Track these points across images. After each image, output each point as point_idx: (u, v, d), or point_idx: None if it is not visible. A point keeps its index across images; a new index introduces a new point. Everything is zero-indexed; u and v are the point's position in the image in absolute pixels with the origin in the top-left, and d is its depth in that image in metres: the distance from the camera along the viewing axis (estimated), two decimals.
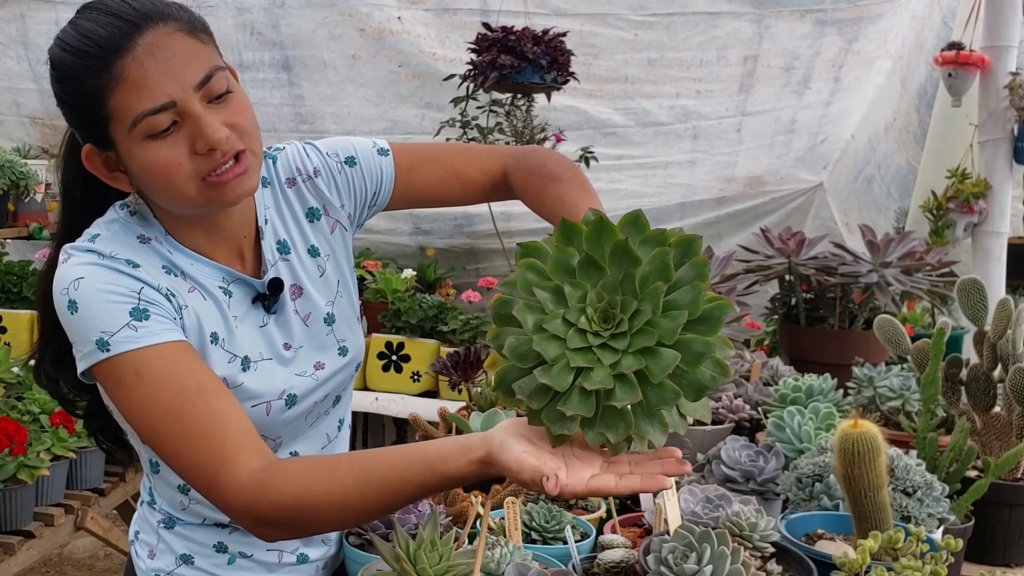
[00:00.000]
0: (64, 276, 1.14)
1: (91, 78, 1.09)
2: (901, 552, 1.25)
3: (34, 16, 4.58)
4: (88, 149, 1.17)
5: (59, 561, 4.17)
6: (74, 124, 1.18)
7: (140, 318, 1.12)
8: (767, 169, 4.78)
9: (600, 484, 0.96)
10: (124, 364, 1.11)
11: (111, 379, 1.13)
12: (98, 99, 1.10)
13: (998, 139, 3.73)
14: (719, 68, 4.41)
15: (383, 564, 1.26)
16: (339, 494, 1.05)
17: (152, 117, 1.10)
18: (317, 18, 4.35)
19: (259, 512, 1.07)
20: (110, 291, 1.13)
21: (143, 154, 1.12)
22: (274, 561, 1.37)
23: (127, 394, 1.12)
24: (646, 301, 0.90)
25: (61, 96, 1.14)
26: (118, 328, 1.11)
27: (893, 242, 2.67)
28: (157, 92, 1.09)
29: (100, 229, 1.20)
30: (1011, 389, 1.73)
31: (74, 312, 1.12)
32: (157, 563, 1.34)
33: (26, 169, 3.50)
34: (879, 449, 1.34)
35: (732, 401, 2.05)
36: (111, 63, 1.08)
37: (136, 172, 1.15)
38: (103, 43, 1.08)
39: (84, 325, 1.12)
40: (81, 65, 1.09)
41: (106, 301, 1.12)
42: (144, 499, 1.39)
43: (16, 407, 2.65)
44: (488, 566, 1.26)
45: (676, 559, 1.18)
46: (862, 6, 4.30)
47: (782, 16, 4.29)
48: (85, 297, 1.12)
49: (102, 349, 1.11)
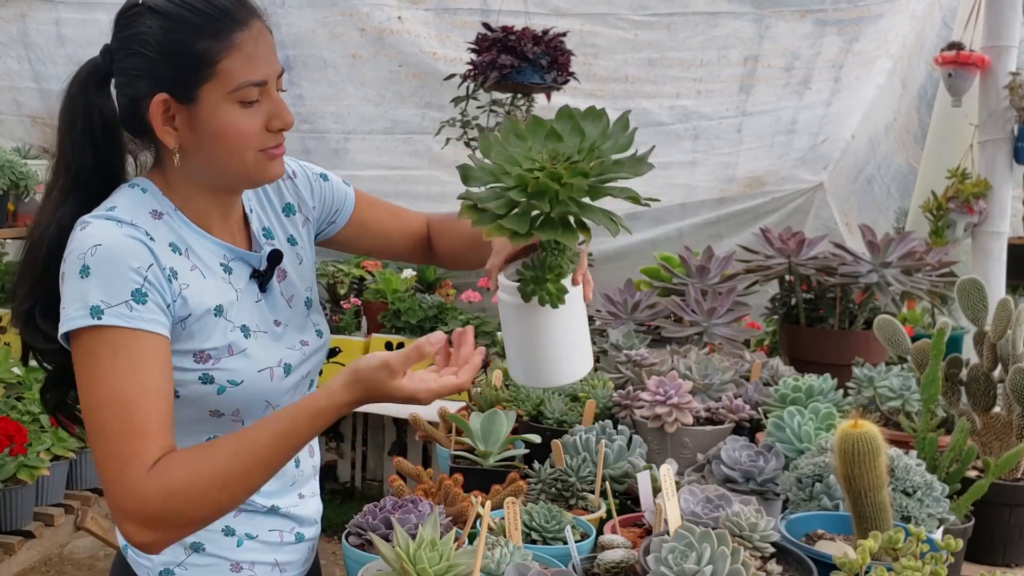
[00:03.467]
0: (83, 241, 1.21)
1: (208, 38, 1.22)
2: (901, 552, 1.25)
3: (35, 16, 4.59)
4: (162, 98, 1.25)
5: (59, 561, 4.17)
6: (161, 74, 1.25)
7: (139, 301, 1.19)
8: (767, 169, 4.78)
9: (446, 380, 1.25)
10: (106, 338, 1.18)
11: (87, 347, 1.19)
12: (207, 58, 1.23)
13: (998, 139, 3.72)
14: (719, 68, 4.41)
15: (383, 564, 1.26)
16: (221, 467, 1.17)
17: (252, 87, 1.25)
18: (317, 17, 4.35)
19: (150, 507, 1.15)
20: (122, 264, 1.20)
21: (228, 116, 1.25)
22: (276, 541, 1.45)
23: (95, 367, 1.18)
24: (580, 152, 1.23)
25: (164, 46, 1.23)
26: (117, 303, 1.18)
27: (893, 242, 2.67)
28: (259, 69, 1.26)
29: (117, 201, 1.28)
30: (1011, 389, 1.74)
31: (84, 276, 1.19)
32: (165, 557, 1.36)
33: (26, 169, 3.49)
34: (879, 449, 1.34)
35: (732, 401, 2.05)
36: (231, 32, 1.23)
37: (209, 130, 1.26)
38: (229, 13, 1.24)
39: (86, 289, 1.18)
40: (202, 24, 1.22)
41: (115, 273, 1.19)
42: None
43: (16, 407, 2.66)
44: (488, 566, 1.26)
45: (676, 559, 1.18)
46: (862, 6, 4.30)
47: (782, 16, 4.29)
48: (98, 265, 1.19)
49: (94, 316, 1.17)
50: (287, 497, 1.46)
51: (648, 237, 4.79)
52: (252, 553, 1.41)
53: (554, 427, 2.10)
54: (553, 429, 2.08)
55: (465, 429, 1.95)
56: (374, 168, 4.42)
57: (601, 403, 2.15)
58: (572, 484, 1.71)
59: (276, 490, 1.44)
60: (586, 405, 2.08)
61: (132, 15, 1.26)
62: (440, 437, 2.10)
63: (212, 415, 1.33)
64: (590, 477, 1.74)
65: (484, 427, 1.92)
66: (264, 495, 1.42)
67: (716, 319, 2.59)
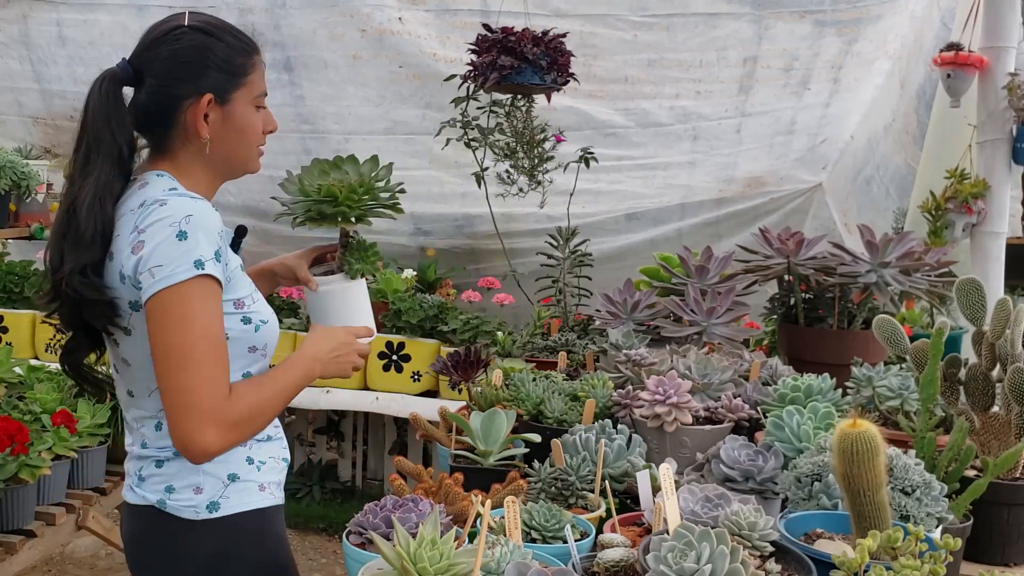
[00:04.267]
0: (173, 213, 1.49)
1: (243, 56, 1.64)
2: (900, 551, 1.26)
3: (36, 17, 4.59)
4: (208, 98, 1.60)
5: (60, 560, 4.17)
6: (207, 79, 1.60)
7: (218, 259, 1.51)
8: (767, 170, 4.79)
9: None
10: (201, 286, 1.48)
11: (183, 295, 1.47)
12: (242, 71, 1.63)
13: (997, 139, 3.73)
14: (719, 69, 4.41)
15: (383, 563, 1.27)
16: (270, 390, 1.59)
17: (262, 96, 1.68)
18: (318, 18, 4.35)
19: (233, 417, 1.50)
20: (210, 229, 1.51)
21: (248, 116, 1.65)
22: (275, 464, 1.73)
23: (189, 309, 1.47)
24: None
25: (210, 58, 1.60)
26: (209, 257, 1.49)
27: (892, 242, 2.67)
28: (264, 85, 1.69)
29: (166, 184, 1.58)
30: (1010, 389, 1.74)
31: (182, 240, 1.47)
32: (207, 495, 1.62)
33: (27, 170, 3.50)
34: (878, 448, 1.34)
35: (731, 401, 2.06)
36: (252, 55, 1.66)
37: (235, 126, 1.64)
38: (249, 41, 1.68)
39: (188, 248, 1.47)
40: (239, 45, 1.64)
41: (206, 236, 1.49)
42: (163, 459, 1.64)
43: (18, 407, 2.66)
44: (488, 565, 1.27)
45: (676, 558, 1.18)
46: (861, 7, 4.31)
47: (782, 17, 4.29)
48: (194, 230, 1.48)
49: (197, 267, 1.47)
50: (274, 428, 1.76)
51: (647, 237, 4.80)
52: (267, 474, 1.69)
53: (554, 426, 2.11)
54: (553, 428, 2.08)
55: (465, 428, 1.96)
56: None
57: (601, 403, 2.16)
58: (572, 483, 1.72)
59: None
60: (586, 405, 2.09)
61: (178, 34, 1.60)
62: (440, 436, 2.11)
63: (250, 351, 1.63)
64: (590, 476, 1.75)
65: (484, 426, 1.93)
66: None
67: (715, 319, 2.59)
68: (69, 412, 2.64)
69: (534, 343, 3.27)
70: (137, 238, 1.50)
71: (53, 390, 2.78)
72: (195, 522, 1.61)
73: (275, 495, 1.71)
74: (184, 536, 1.62)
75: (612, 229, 4.75)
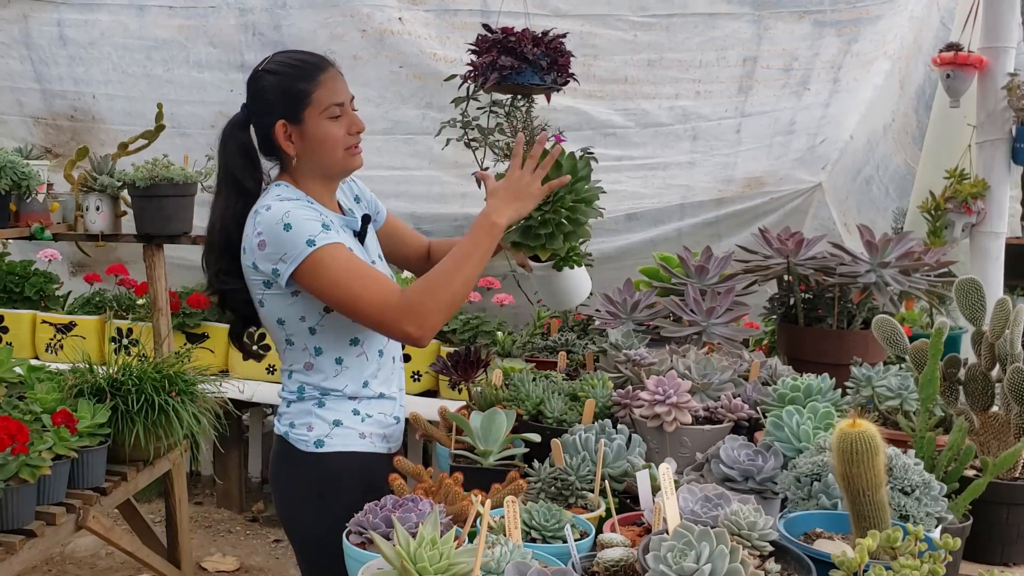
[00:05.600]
0: (275, 214, 1.91)
1: (303, 81, 1.99)
2: (899, 551, 1.26)
3: (36, 17, 4.59)
4: (281, 123, 1.99)
5: (60, 560, 4.18)
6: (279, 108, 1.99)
7: (326, 228, 1.91)
8: (766, 170, 4.78)
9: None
10: (324, 253, 1.88)
11: (315, 265, 1.88)
12: (304, 93, 1.98)
13: (996, 140, 3.73)
14: (718, 69, 4.41)
15: (384, 563, 1.27)
16: (442, 270, 1.91)
17: (334, 107, 2.01)
18: (318, 19, 4.35)
19: (416, 307, 1.87)
20: (308, 214, 1.91)
21: (323, 128, 2.00)
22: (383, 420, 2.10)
23: (326, 271, 1.88)
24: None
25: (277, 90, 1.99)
26: (317, 233, 1.89)
27: (891, 242, 2.68)
28: (338, 95, 2.02)
29: (278, 192, 1.99)
30: (1009, 388, 1.74)
31: (288, 230, 1.88)
32: (316, 432, 2.03)
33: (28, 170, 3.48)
34: (877, 448, 1.34)
35: (731, 400, 2.06)
36: (316, 75, 2.00)
37: (312, 140, 2.00)
38: (315, 63, 2.02)
39: (295, 237, 1.88)
40: (299, 73, 2.00)
41: (307, 220, 1.90)
42: (291, 400, 2.07)
43: (18, 406, 2.66)
44: (488, 564, 1.27)
45: (675, 557, 1.18)
46: (861, 7, 4.31)
47: (781, 17, 4.29)
48: (295, 220, 1.89)
49: (310, 245, 1.88)
50: (390, 386, 2.13)
51: (647, 237, 4.80)
52: (370, 426, 2.07)
53: (554, 426, 2.11)
54: (553, 428, 2.09)
55: (465, 428, 1.96)
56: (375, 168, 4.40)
57: (600, 402, 2.16)
58: (572, 483, 1.72)
59: (382, 380, 2.11)
60: (585, 404, 2.09)
61: (257, 77, 2.02)
62: (440, 436, 2.11)
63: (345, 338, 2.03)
64: (589, 476, 1.75)
65: (484, 426, 1.94)
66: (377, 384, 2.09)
67: (715, 319, 2.60)
68: (69, 412, 2.63)
69: (534, 343, 3.28)
70: (259, 238, 1.91)
71: (53, 390, 2.78)
72: (306, 453, 2.02)
73: (376, 445, 2.08)
74: (297, 463, 2.04)
75: (612, 229, 4.75)
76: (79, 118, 4.82)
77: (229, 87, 4.49)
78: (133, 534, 3.37)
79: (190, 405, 2.93)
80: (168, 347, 3.68)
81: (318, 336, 2.02)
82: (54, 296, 4.65)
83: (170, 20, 4.50)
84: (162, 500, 3.58)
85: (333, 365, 2.04)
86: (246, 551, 4.43)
